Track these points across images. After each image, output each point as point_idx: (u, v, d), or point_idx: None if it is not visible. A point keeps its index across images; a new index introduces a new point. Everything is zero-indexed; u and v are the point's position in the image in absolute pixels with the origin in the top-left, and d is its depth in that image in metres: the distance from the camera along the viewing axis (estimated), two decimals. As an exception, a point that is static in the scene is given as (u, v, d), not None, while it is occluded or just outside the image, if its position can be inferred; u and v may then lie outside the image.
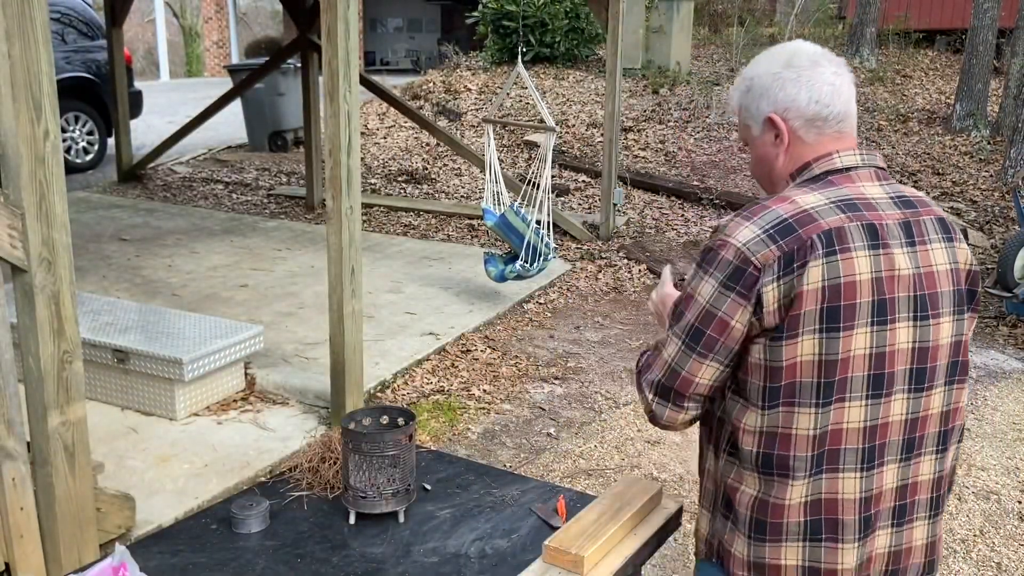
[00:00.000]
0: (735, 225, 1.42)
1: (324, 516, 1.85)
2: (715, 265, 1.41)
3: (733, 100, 1.58)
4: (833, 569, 1.45)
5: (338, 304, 3.72)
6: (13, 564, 2.38)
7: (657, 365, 1.49)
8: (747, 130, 1.56)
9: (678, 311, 1.47)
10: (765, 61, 1.54)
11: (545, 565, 1.66)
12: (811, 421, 1.41)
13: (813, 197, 1.43)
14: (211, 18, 21.43)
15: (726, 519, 1.51)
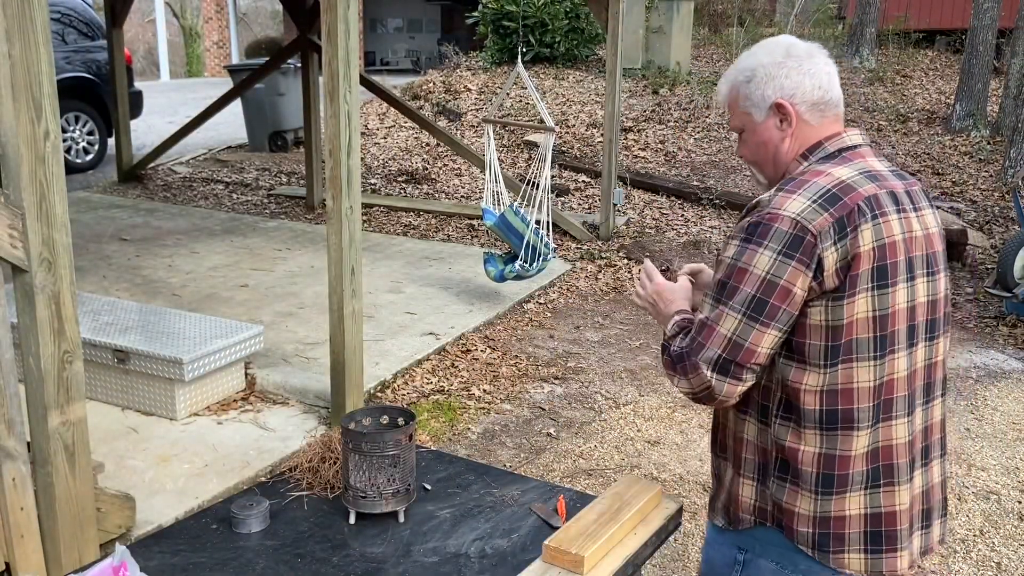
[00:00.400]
0: (783, 198, 1.53)
1: (324, 516, 1.85)
2: (770, 237, 1.51)
3: (727, 90, 1.68)
4: (893, 511, 1.59)
5: (338, 304, 3.72)
6: (13, 564, 2.38)
7: (713, 342, 1.54)
8: (747, 117, 1.66)
9: (728, 287, 1.53)
10: (763, 53, 1.65)
11: (545, 565, 1.66)
12: (871, 374, 1.55)
13: (843, 170, 1.57)
14: (211, 18, 21.42)
15: (784, 482, 1.60)
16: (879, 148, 10.45)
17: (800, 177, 1.57)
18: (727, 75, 1.70)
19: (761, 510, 1.65)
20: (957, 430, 4.30)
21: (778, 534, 1.64)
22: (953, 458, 4.01)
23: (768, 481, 1.63)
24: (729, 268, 1.55)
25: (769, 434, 1.62)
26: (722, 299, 1.55)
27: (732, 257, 1.55)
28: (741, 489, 1.67)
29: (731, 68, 1.70)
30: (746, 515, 1.67)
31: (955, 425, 4.35)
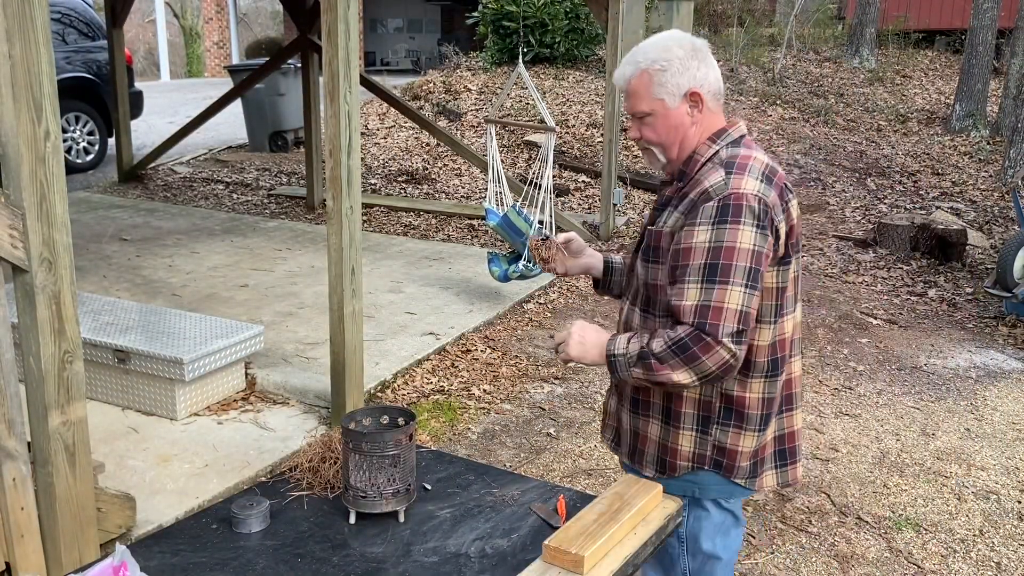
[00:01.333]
0: (737, 180, 1.73)
1: (324, 516, 1.85)
2: (743, 214, 1.70)
3: (635, 77, 1.83)
4: (792, 431, 1.94)
5: (338, 304, 3.73)
6: (14, 564, 2.39)
7: (727, 318, 1.69)
8: (659, 103, 1.82)
9: (721, 266, 1.69)
10: (673, 45, 1.82)
11: (545, 565, 1.66)
12: (791, 324, 1.85)
13: (759, 154, 1.81)
14: (211, 18, 21.42)
15: (728, 427, 1.85)
16: (878, 147, 10.46)
17: (737, 161, 1.77)
18: (633, 62, 1.83)
19: (700, 456, 1.88)
20: (957, 430, 4.30)
21: (714, 474, 1.88)
22: (953, 458, 4.01)
23: (711, 429, 1.86)
24: (713, 251, 1.70)
25: (715, 388, 1.83)
26: (717, 279, 1.69)
27: (711, 240, 1.70)
28: (680, 440, 1.88)
29: (636, 57, 1.83)
30: (683, 462, 1.89)
31: (955, 425, 4.36)
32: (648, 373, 1.76)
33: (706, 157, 1.82)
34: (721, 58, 13.95)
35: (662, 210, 1.88)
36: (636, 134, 1.89)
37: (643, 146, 1.90)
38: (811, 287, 6.40)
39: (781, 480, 1.94)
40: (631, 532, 1.79)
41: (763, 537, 3.34)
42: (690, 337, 1.70)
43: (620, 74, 1.86)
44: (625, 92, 1.86)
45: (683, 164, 1.86)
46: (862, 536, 3.37)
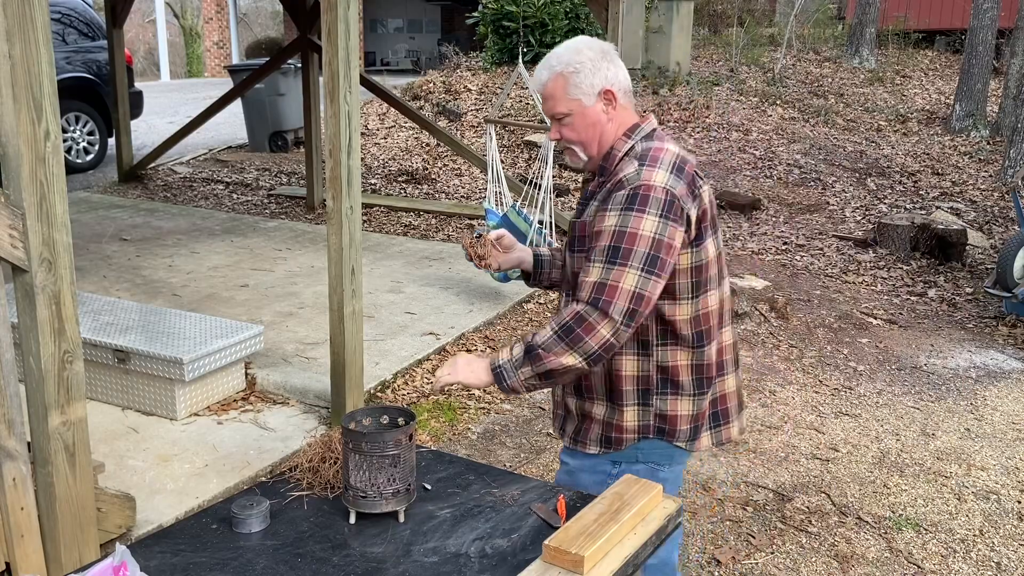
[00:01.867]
0: (648, 172, 1.87)
1: (324, 516, 1.85)
2: (649, 203, 1.84)
3: (551, 80, 1.95)
4: (725, 394, 2.08)
5: (338, 304, 3.73)
6: (14, 564, 2.39)
7: (620, 296, 1.82)
8: (575, 103, 1.94)
9: (622, 250, 1.82)
10: (584, 48, 1.94)
11: (545, 565, 1.66)
12: (717, 297, 1.99)
13: (671, 146, 1.95)
14: (211, 19, 21.42)
15: (666, 395, 2.00)
16: (878, 147, 10.46)
17: (650, 154, 1.90)
18: (548, 67, 1.95)
19: (644, 426, 2.02)
20: (957, 430, 4.30)
21: (658, 440, 2.03)
22: (953, 458, 4.01)
23: (651, 400, 2.00)
24: (617, 234, 1.83)
25: (651, 361, 1.98)
26: (617, 261, 1.82)
27: (617, 225, 1.84)
28: (624, 417, 2.01)
29: (550, 62, 1.95)
30: (629, 436, 2.03)
31: (955, 425, 4.36)
32: (536, 364, 1.87)
33: (623, 152, 1.95)
34: (721, 58, 13.96)
35: (586, 204, 2.01)
36: (556, 135, 2.01)
37: (564, 146, 2.02)
38: (811, 287, 6.39)
39: (715, 440, 2.09)
40: (631, 532, 1.79)
41: (763, 537, 3.34)
42: (574, 319, 1.84)
43: (537, 79, 1.97)
44: (543, 95, 1.98)
45: (603, 160, 1.99)
46: (862, 536, 3.37)
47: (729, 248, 7.28)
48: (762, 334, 5.48)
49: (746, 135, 10.43)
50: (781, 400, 4.58)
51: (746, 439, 4.13)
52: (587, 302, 1.83)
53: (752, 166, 9.55)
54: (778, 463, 3.92)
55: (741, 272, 6.58)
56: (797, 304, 5.98)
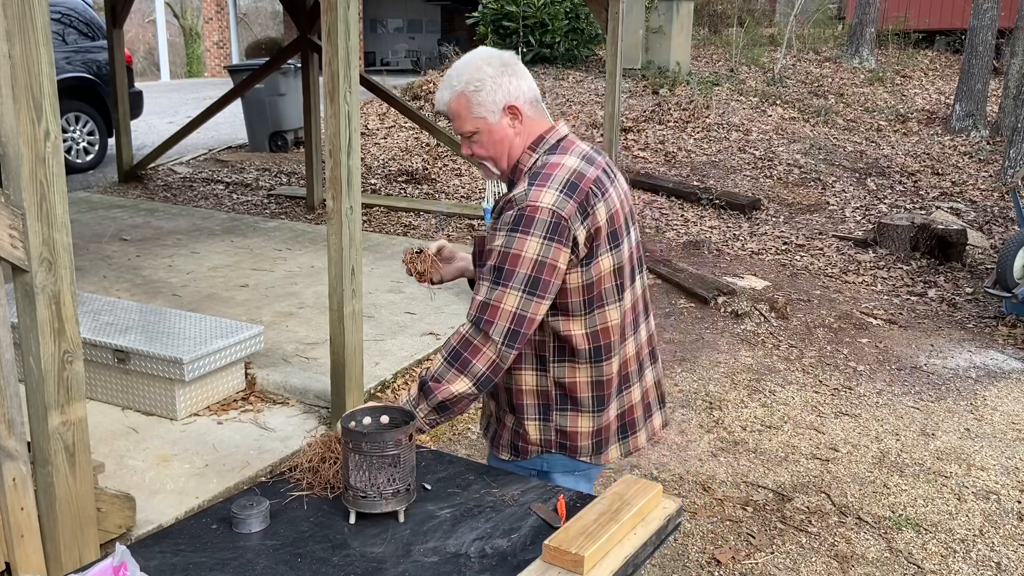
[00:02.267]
0: (536, 192, 1.83)
1: (324, 516, 1.85)
2: (534, 225, 1.82)
3: (454, 99, 1.91)
4: (632, 406, 2.06)
5: (338, 304, 3.73)
6: (14, 564, 2.39)
7: (501, 317, 1.83)
8: (481, 121, 1.91)
9: (505, 271, 1.82)
10: (484, 64, 1.91)
11: (545, 565, 1.66)
12: (617, 312, 1.95)
13: (570, 160, 1.91)
14: (211, 19, 21.42)
15: (566, 411, 1.99)
16: (878, 147, 10.46)
17: (543, 171, 1.87)
18: (449, 87, 1.92)
19: (546, 441, 2.02)
20: (957, 430, 4.30)
21: (560, 456, 2.03)
22: (953, 458, 4.01)
23: (551, 416, 2.00)
24: (502, 255, 1.83)
25: (548, 377, 1.98)
26: (500, 281, 1.83)
27: (503, 245, 1.83)
28: (527, 428, 2.02)
29: (451, 81, 1.91)
30: (533, 447, 2.03)
31: (955, 425, 4.36)
32: (430, 398, 1.89)
33: (528, 167, 1.93)
34: (721, 58, 13.96)
35: (497, 218, 1.98)
36: (468, 151, 1.99)
37: (476, 161, 2.00)
38: (811, 287, 6.40)
39: (624, 451, 2.09)
40: (631, 532, 1.79)
41: (763, 537, 3.34)
42: (460, 343, 1.87)
43: (439, 99, 1.94)
44: (447, 114, 1.96)
45: (511, 174, 1.98)
46: (862, 536, 3.37)
47: (729, 248, 7.28)
48: (762, 334, 5.48)
49: (746, 135, 10.43)
50: (781, 400, 4.58)
51: (746, 439, 4.14)
52: (471, 322, 1.88)
53: (752, 166, 9.55)
54: (778, 463, 3.92)
55: (741, 272, 6.58)
56: (797, 304, 5.98)
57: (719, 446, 4.06)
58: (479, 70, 1.89)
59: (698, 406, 4.48)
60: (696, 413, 4.40)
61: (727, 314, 5.75)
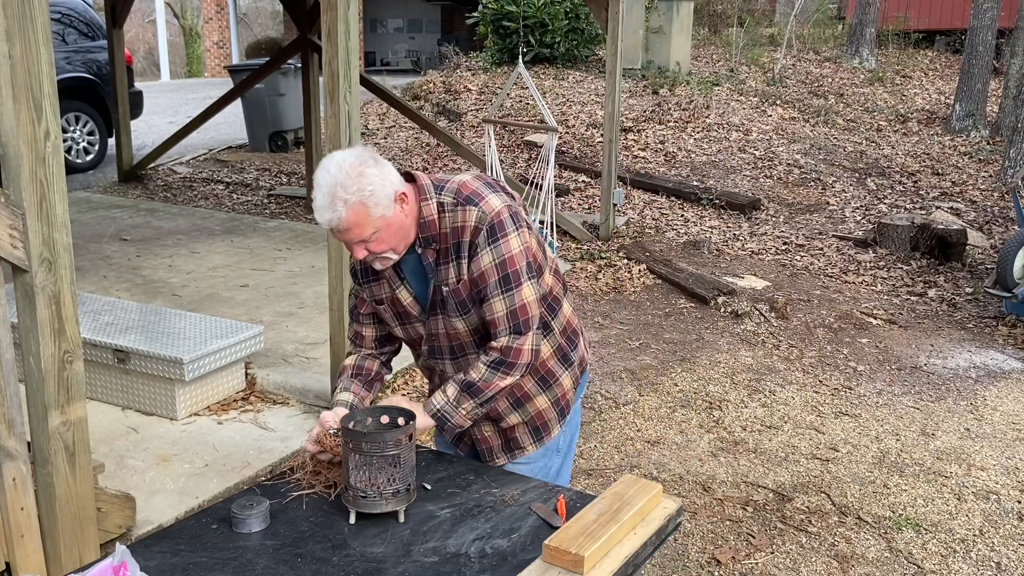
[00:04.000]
0: (484, 205, 1.96)
1: (324, 516, 1.85)
2: (504, 226, 1.95)
3: (351, 214, 1.86)
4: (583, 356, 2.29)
5: (338, 304, 3.73)
6: (14, 564, 2.39)
7: (531, 311, 2.00)
8: (382, 220, 1.90)
9: (511, 275, 1.96)
10: (362, 168, 1.88)
11: (545, 565, 1.66)
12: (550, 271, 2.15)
13: (459, 177, 2.04)
14: (211, 19, 21.42)
15: (576, 344, 2.23)
16: (878, 147, 10.46)
17: (464, 194, 1.97)
18: (340, 200, 1.85)
19: (574, 378, 2.22)
20: (957, 430, 4.30)
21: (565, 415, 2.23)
22: (953, 458, 4.01)
23: (571, 357, 2.20)
24: (499, 265, 1.96)
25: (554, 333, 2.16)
26: (511, 286, 1.97)
27: (494, 259, 1.95)
28: (563, 383, 2.19)
29: (337, 193, 1.85)
30: (571, 391, 2.22)
31: (955, 425, 4.36)
32: (478, 397, 2.02)
33: (435, 213, 1.98)
34: (721, 58, 13.96)
35: (437, 271, 2.01)
36: (363, 253, 1.94)
37: (374, 258, 1.97)
38: (811, 287, 6.40)
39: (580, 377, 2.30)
40: (631, 532, 1.79)
41: (763, 537, 3.34)
42: (502, 351, 2.00)
43: (332, 217, 1.87)
44: (341, 228, 1.89)
45: (420, 231, 1.99)
46: (862, 536, 3.37)
47: (729, 248, 7.28)
48: (762, 334, 5.48)
49: (746, 135, 10.43)
50: (781, 400, 4.58)
51: (746, 439, 4.13)
52: (509, 333, 1.99)
53: (752, 166, 9.55)
54: (778, 463, 3.92)
55: (741, 272, 6.58)
56: (797, 304, 5.98)
57: (719, 446, 4.06)
58: (362, 176, 1.87)
59: (698, 406, 4.48)
60: (696, 413, 4.40)
61: (727, 314, 5.75)
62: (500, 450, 2.22)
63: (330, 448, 1.95)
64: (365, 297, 2.17)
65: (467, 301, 2.01)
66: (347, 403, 2.11)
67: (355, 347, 2.26)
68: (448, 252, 1.99)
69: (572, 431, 2.33)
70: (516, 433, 2.20)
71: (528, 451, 2.22)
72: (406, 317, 2.12)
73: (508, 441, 2.21)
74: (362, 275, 2.13)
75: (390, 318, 2.15)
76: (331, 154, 1.95)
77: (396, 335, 2.21)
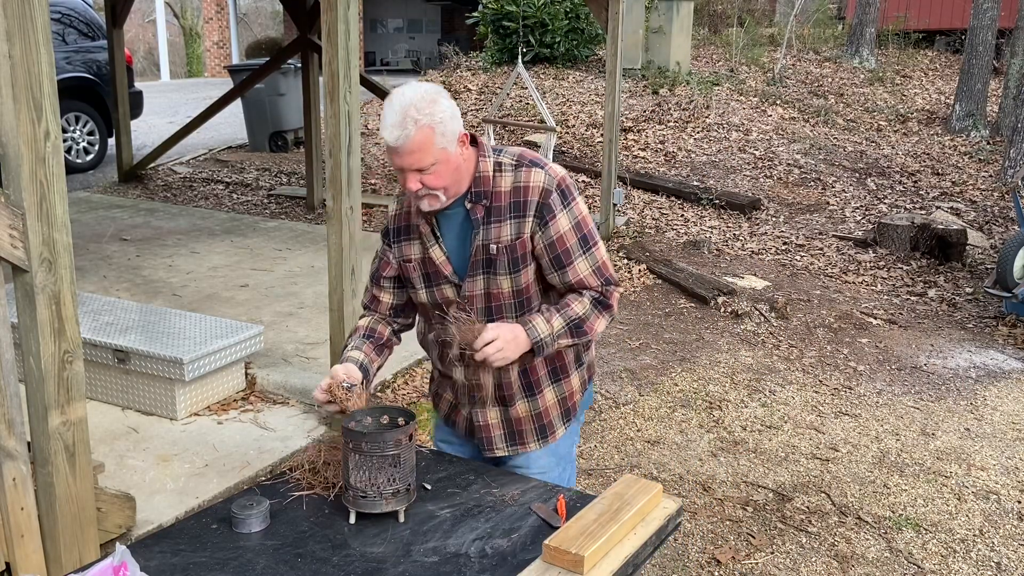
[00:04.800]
0: (551, 169, 2.05)
1: (324, 516, 1.85)
2: (572, 190, 2.06)
3: (421, 135, 1.90)
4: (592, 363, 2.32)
5: (338, 304, 3.73)
6: (14, 564, 2.39)
7: (610, 267, 2.09)
8: (443, 152, 1.95)
9: (588, 233, 2.05)
10: (439, 98, 1.95)
11: (545, 565, 1.66)
12: None
13: (513, 147, 2.15)
14: (212, 19, 21.42)
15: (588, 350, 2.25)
16: (878, 147, 10.46)
17: (528, 157, 2.07)
18: (412, 120, 1.89)
19: (582, 380, 2.25)
20: (957, 430, 4.30)
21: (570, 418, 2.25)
22: (953, 458, 4.01)
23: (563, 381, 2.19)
24: (576, 226, 2.04)
25: None
26: (590, 245, 2.05)
27: (571, 220, 2.03)
28: (572, 381, 2.21)
29: (410, 115, 1.89)
30: (577, 393, 2.24)
31: (955, 425, 4.36)
32: (576, 334, 2.05)
33: (491, 170, 2.04)
34: (721, 58, 13.95)
35: (486, 228, 2.02)
36: (417, 185, 1.95)
37: (425, 192, 1.98)
38: (811, 287, 6.40)
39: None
40: (631, 532, 1.79)
41: (763, 537, 3.34)
42: (603, 293, 2.07)
43: (401, 135, 1.90)
44: (404, 149, 1.92)
45: (473, 185, 2.03)
46: (862, 536, 3.37)
47: (729, 248, 7.28)
48: (762, 334, 5.48)
49: (746, 135, 10.43)
50: (781, 400, 4.58)
51: (746, 439, 4.13)
52: (602, 284, 2.07)
53: (752, 166, 9.55)
54: (778, 463, 3.92)
55: (741, 272, 6.58)
56: (797, 304, 5.98)
57: (719, 446, 4.06)
58: (436, 103, 1.94)
59: (698, 406, 4.48)
60: (696, 413, 4.40)
61: (727, 314, 5.75)
62: (502, 440, 2.20)
63: (340, 400, 1.94)
64: (391, 258, 2.16)
65: (519, 260, 2.02)
66: (357, 361, 2.09)
67: (368, 312, 2.25)
68: (502, 210, 2.01)
69: (572, 439, 2.32)
70: (522, 426, 2.19)
71: (530, 447, 2.20)
72: (436, 278, 2.09)
73: (512, 433, 2.20)
74: (394, 234, 2.15)
75: (417, 278, 2.12)
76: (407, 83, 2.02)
77: (418, 299, 2.16)
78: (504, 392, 2.14)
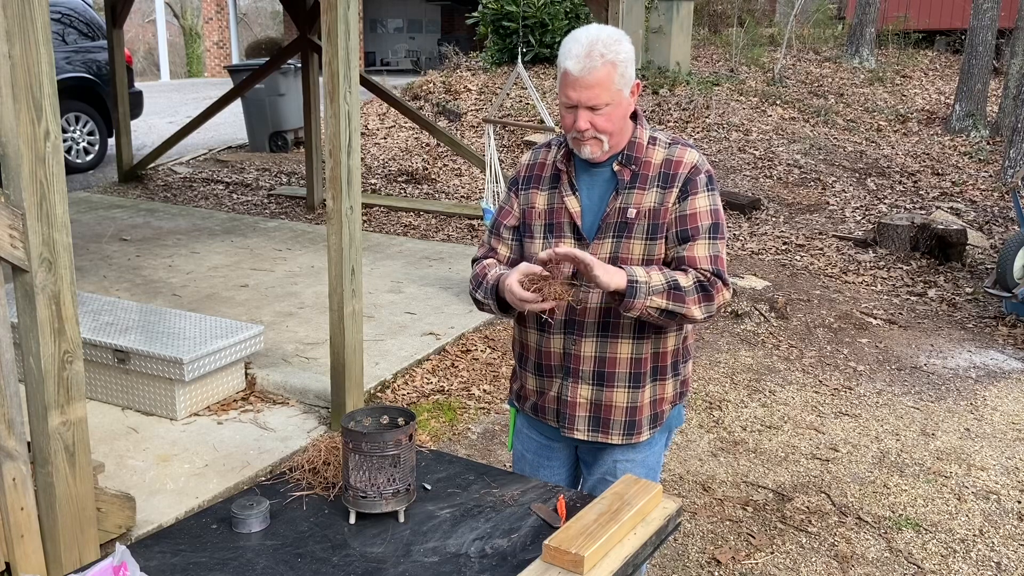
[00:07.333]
0: (702, 157, 2.04)
1: (324, 516, 1.85)
2: (714, 182, 2.04)
3: (606, 69, 1.89)
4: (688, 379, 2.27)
5: (338, 304, 3.73)
6: (14, 564, 2.39)
7: (726, 266, 2.00)
8: (619, 94, 1.93)
9: (720, 224, 2.00)
10: (624, 40, 1.93)
11: (545, 565, 1.66)
12: None
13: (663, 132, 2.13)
14: (211, 19, 21.42)
15: (688, 360, 2.19)
16: (878, 147, 10.46)
17: (680, 140, 2.06)
18: (599, 54, 1.88)
19: (675, 392, 2.18)
20: (957, 430, 4.30)
21: (679, 406, 2.23)
22: (953, 458, 4.01)
23: (659, 383, 2.13)
24: (713, 212, 2.00)
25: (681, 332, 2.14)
26: (717, 236, 2.00)
27: (711, 204, 2.00)
28: (667, 387, 2.14)
29: (599, 48, 1.88)
30: (668, 403, 2.16)
31: (955, 425, 4.36)
32: (675, 302, 1.91)
33: (646, 140, 2.03)
34: (721, 58, 13.95)
35: (629, 192, 2.00)
36: (586, 124, 1.94)
37: (591, 135, 1.96)
38: (811, 287, 6.39)
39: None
40: (631, 532, 1.79)
41: (763, 537, 3.34)
42: (709, 281, 1.95)
43: (586, 66, 1.88)
44: (586, 83, 1.90)
45: (627, 148, 2.03)
46: (862, 536, 3.37)
47: (729, 248, 7.28)
48: (762, 334, 5.48)
49: (746, 135, 10.43)
50: (781, 400, 4.58)
51: (746, 439, 4.13)
52: (713, 273, 1.97)
53: (752, 166, 9.55)
54: (778, 463, 3.92)
55: (741, 272, 6.58)
56: (797, 304, 5.98)
57: (719, 446, 4.06)
58: (620, 43, 1.92)
59: (698, 406, 4.48)
60: (696, 413, 4.40)
61: (727, 314, 5.75)
62: (585, 422, 2.11)
63: (546, 288, 1.86)
64: (515, 206, 2.12)
65: (659, 227, 1.99)
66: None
67: None
68: (649, 179, 2.00)
69: (660, 452, 2.24)
70: (611, 415, 2.10)
71: (612, 439, 2.12)
72: (557, 230, 2.04)
73: (598, 419, 2.11)
74: (523, 182, 2.13)
75: (538, 227, 2.07)
76: None
77: (532, 250, 2.07)
78: (606, 368, 2.06)
